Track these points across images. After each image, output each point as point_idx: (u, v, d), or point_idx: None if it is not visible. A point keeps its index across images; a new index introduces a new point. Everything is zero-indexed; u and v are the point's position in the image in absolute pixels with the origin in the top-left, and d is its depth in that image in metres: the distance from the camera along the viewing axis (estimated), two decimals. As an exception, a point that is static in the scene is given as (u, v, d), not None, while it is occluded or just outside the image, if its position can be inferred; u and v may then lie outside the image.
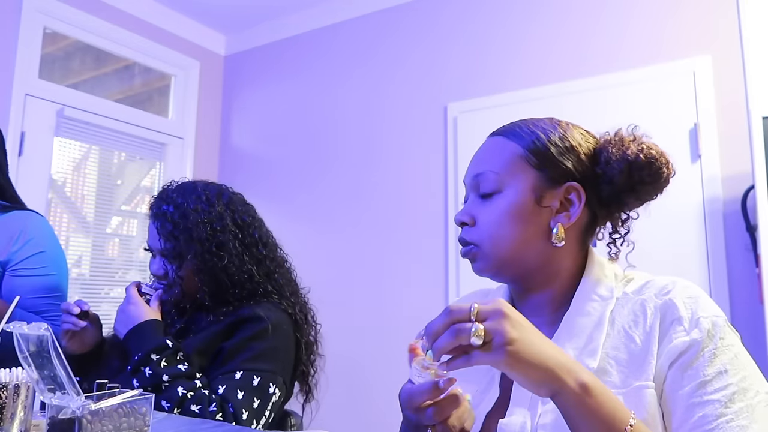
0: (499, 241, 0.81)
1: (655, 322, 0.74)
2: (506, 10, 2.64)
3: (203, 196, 1.35)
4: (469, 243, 0.84)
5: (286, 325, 1.30)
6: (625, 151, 0.81)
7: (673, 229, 2.11)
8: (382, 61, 2.97)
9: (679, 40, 2.23)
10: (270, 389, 1.21)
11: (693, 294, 0.75)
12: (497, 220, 0.82)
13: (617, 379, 0.73)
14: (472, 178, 0.86)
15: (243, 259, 1.32)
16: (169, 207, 1.33)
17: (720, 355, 0.69)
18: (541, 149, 0.83)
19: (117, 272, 3.05)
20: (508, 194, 0.82)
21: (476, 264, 0.84)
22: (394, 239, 2.77)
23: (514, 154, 0.83)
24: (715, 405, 0.67)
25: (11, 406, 0.75)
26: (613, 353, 0.75)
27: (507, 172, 0.83)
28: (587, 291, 0.81)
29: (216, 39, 3.54)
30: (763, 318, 1.62)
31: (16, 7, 2.64)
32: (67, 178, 2.90)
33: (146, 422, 0.77)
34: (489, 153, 0.86)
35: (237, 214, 1.36)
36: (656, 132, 2.43)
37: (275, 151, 3.28)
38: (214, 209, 1.33)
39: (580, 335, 0.77)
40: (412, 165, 2.79)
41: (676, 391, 0.70)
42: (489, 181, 0.83)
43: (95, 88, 3.04)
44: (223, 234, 1.30)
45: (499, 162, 0.84)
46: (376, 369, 2.71)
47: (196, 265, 1.29)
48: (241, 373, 1.20)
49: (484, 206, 0.84)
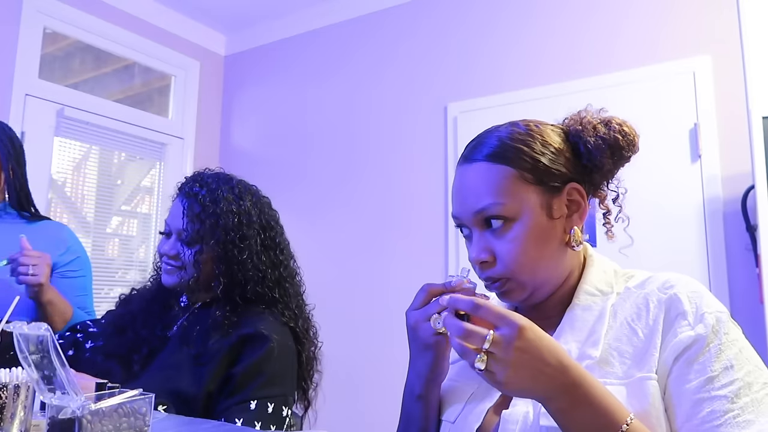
0: (530, 267, 0.80)
1: (659, 316, 0.75)
2: (506, 10, 2.64)
3: (236, 189, 1.35)
4: (498, 279, 0.81)
5: (289, 341, 1.29)
6: (600, 135, 0.82)
7: (673, 229, 2.11)
8: (383, 61, 2.97)
9: (679, 40, 2.23)
10: (283, 413, 1.22)
11: (696, 289, 0.76)
12: (521, 248, 0.79)
13: (619, 371, 0.73)
14: (474, 213, 0.81)
15: (261, 258, 1.32)
16: (201, 189, 1.33)
17: (725, 350, 0.70)
18: (531, 164, 0.80)
19: (117, 272, 3.05)
20: (522, 220, 0.79)
21: (513, 296, 0.82)
22: (395, 239, 2.77)
23: (509, 178, 0.80)
24: (722, 401, 0.67)
25: (11, 406, 0.75)
26: (615, 344, 0.76)
27: (511, 198, 0.79)
28: (588, 287, 0.82)
29: (216, 39, 3.55)
30: (763, 318, 1.62)
31: (16, 7, 2.64)
32: (67, 178, 2.90)
33: (146, 422, 0.77)
34: (480, 183, 0.81)
35: (263, 215, 1.37)
36: (656, 132, 2.45)
37: (275, 150, 3.28)
38: (244, 203, 1.33)
39: (582, 329, 0.79)
40: (412, 165, 2.79)
41: (681, 386, 0.70)
42: (497, 213, 0.79)
43: (95, 88, 3.04)
44: (248, 229, 1.31)
45: (498, 190, 0.79)
46: (375, 369, 2.71)
47: (217, 253, 1.28)
48: (255, 402, 1.19)
49: (499, 239, 0.80)
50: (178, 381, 1.21)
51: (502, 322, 0.63)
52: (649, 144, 2.20)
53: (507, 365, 0.62)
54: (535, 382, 0.63)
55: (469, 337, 0.63)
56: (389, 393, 2.56)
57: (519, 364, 0.62)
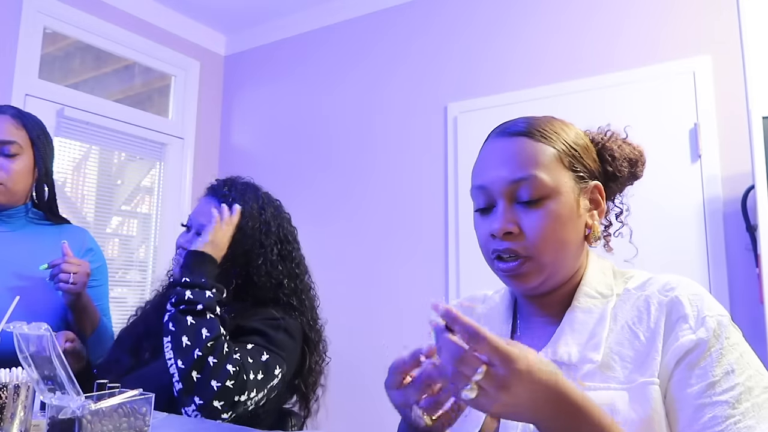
0: (554, 248, 0.78)
1: (660, 319, 0.74)
2: (507, 10, 2.64)
3: (260, 199, 1.44)
4: (518, 257, 0.78)
5: (297, 332, 1.34)
6: (625, 150, 0.87)
7: (673, 229, 2.11)
8: (383, 61, 2.97)
9: (678, 40, 2.23)
10: (275, 371, 1.25)
11: (697, 291, 0.76)
12: (551, 226, 0.77)
13: (621, 375, 0.73)
14: (510, 182, 0.79)
15: (277, 267, 1.38)
16: (231, 192, 1.41)
17: (726, 355, 0.70)
18: (568, 150, 0.81)
19: (117, 272, 3.05)
20: (556, 199, 0.78)
21: (528, 279, 0.79)
22: (395, 239, 2.77)
23: (549, 156, 0.80)
24: (723, 406, 0.67)
25: (11, 406, 0.75)
26: (617, 348, 0.75)
27: (549, 175, 0.78)
28: (588, 289, 0.82)
29: (216, 39, 3.55)
30: (763, 318, 1.62)
31: (16, 7, 2.63)
32: (67, 178, 2.90)
33: (146, 422, 0.77)
34: (521, 155, 0.79)
35: (282, 228, 1.44)
36: (656, 132, 2.45)
37: (275, 151, 3.27)
38: (266, 214, 1.41)
39: (581, 331, 0.78)
40: (412, 165, 2.79)
41: (683, 390, 0.70)
42: (534, 185, 0.77)
43: (95, 88, 3.04)
44: (266, 238, 1.38)
45: (538, 164, 0.79)
46: (374, 369, 2.70)
47: (235, 253, 1.34)
48: (253, 345, 1.24)
49: (529, 214, 0.78)
50: None
51: (497, 359, 0.58)
52: (649, 144, 2.20)
53: (496, 400, 0.58)
54: (526, 414, 0.61)
55: (464, 364, 0.58)
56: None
57: (509, 402, 0.59)
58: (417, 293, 2.66)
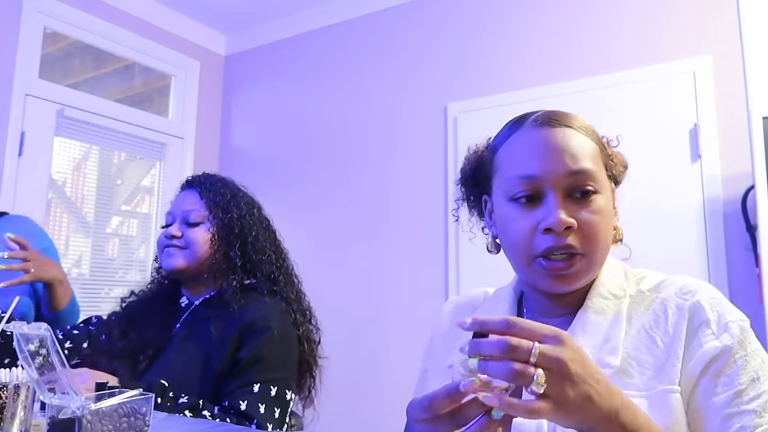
0: (603, 245, 0.76)
1: (680, 323, 0.72)
2: (506, 10, 2.64)
3: (237, 187, 1.49)
4: (576, 253, 0.74)
5: (289, 328, 1.35)
6: (618, 156, 0.86)
7: (673, 229, 2.11)
8: (383, 60, 2.97)
9: (679, 40, 2.23)
10: (287, 396, 1.27)
11: (716, 295, 0.75)
12: (602, 223, 0.75)
13: (640, 382, 0.71)
14: (570, 173, 0.74)
15: (265, 244, 1.42)
16: (209, 179, 1.47)
17: (751, 362, 0.69)
18: (602, 148, 0.81)
19: (117, 272, 3.05)
20: (605, 195, 0.76)
21: (579, 277, 0.75)
22: (395, 239, 2.77)
23: (597, 151, 0.78)
24: (751, 415, 0.66)
25: (11, 406, 0.75)
26: (634, 354, 0.73)
27: (599, 171, 0.77)
28: (602, 290, 0.79)
29: (216, 39, 3.54)
30: (763, 318, 1.62)
31: (16, 7, 2.63)
32: (67, 178, 2.90)
33: (146, 422, 0.77)
34: (578, 147, 0.76)
35: (261, 213, 1.50)
36: (656, 132, 2.45)
37: (275, 150, 3.27)
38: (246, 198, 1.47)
39: (595, 333, 0.75)
40: (412, 165, 2.79)
41: (709, 399, 0.69)
42: (591, 179, 0.75)
43: (95, 88, 3.04)
44: (250, 218, 1.44)
45: (592, 158, 0.77)
46: (374, 369, 2.71)
47: (228, 227, 1.38)
48: (259, 386, 1.24)
49: (582, 209, 0.74)
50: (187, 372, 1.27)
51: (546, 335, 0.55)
52: (649, 144, 2.21)
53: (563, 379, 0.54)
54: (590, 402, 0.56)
55: (516, 351, 0.53)
56: (389, 393, 2.56)
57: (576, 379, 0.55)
58: (417, 293, 2.66)
